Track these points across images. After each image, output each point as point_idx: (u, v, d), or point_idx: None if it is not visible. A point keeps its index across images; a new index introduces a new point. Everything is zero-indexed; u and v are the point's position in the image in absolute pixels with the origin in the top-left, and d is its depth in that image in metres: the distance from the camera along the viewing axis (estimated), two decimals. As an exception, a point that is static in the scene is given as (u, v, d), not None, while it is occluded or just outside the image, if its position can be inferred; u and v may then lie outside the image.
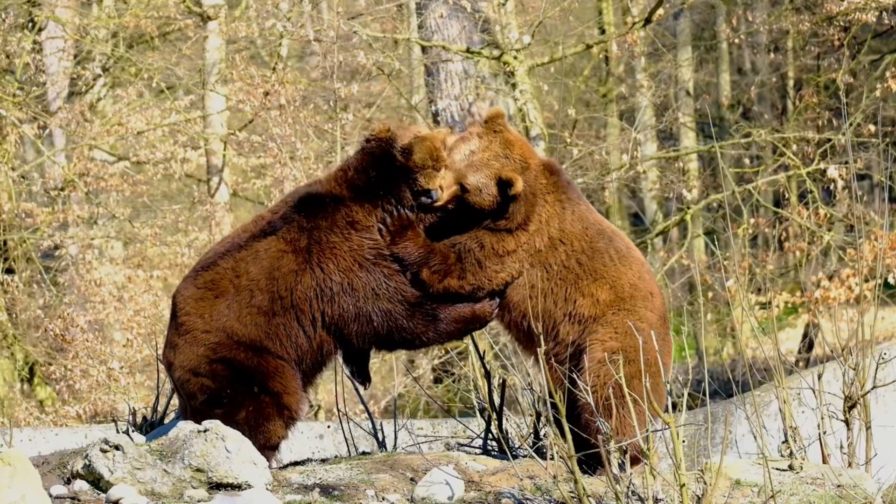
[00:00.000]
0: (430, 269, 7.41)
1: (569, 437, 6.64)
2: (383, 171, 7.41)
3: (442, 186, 7.37)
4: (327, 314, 7.32)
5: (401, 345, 7.54)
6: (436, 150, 7.44)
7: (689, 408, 8.41)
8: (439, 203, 7.39)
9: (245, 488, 6.82)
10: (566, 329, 7.44)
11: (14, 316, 21.48)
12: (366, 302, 7.32)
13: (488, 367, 8.77)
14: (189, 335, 7.34)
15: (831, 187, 19.85)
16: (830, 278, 20.37)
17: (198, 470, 6.84)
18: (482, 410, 8.97)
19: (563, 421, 6.74)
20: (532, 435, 8.39)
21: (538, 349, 7.09)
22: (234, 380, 7.26)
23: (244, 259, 7.39)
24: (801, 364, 21.43)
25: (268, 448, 7.29)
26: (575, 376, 7.23)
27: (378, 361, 20.26)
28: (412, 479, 7.20)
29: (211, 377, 7.28)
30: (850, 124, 20.40)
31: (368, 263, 7.34)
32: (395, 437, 9.25)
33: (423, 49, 20.31)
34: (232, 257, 7.43)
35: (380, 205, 7.42)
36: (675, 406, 6.65)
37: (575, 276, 7.44)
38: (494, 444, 8.39)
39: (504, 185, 7.34)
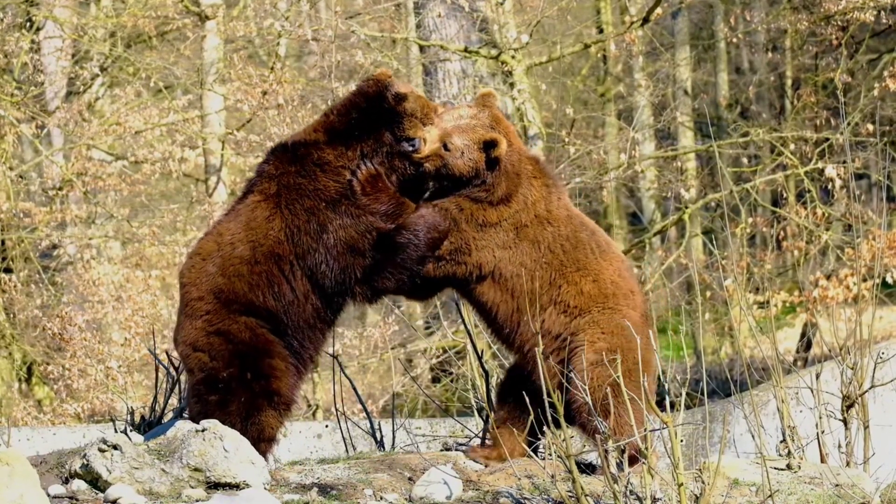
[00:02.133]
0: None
1: (567, 436, 6.64)
2: (369, 111, 7.43)
3: (425, 140, 7.41)
4: (298, 255, 7.34)
5: (360, 283, 7.40)
6: (428, 106, 7.52)
7: (688, 407, 8.41)
8: (419, 156, 7.40)
9: (243, 488, 6.82)
10: (552, 318, 7.45)
11: (12, 315, 21.48)
12: (331, 239, 7.32)
13: (486, 366, 8.77)
14: (187, 307, 7.41)
15: (829, 186, 19.86)
16: (829, 277, 20.38)
17: (196, 469, 6.84)
18: (480, 410, 8.97)
19: (562, 420, 6.75)
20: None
21: (536, 349, 7.11)
22: (229, 360, 7.26)
23: (226, 220, 7.52)
24: (799, 363, 21.43)
25: (263, 441, 7.27)
26: (570, 376, 7.24)
27: (376, 361, 20.27)
28: (410, 479, 7.20)
29: (208, 352, 7.31)
30: (849, 123, 20.40)
31: (335, 202, 7.34)
32: (394, 437, 9.26)
33: (421, 48, 20.32)
34: (218, 223, 7.58)
35: (355, 147, 7.43)
36: (673, 405, 6.65)
37: (559, 263, 7.48)
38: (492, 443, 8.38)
39: (488, 146, 7.40)
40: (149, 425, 8.61)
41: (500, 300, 7.51)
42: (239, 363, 7.27)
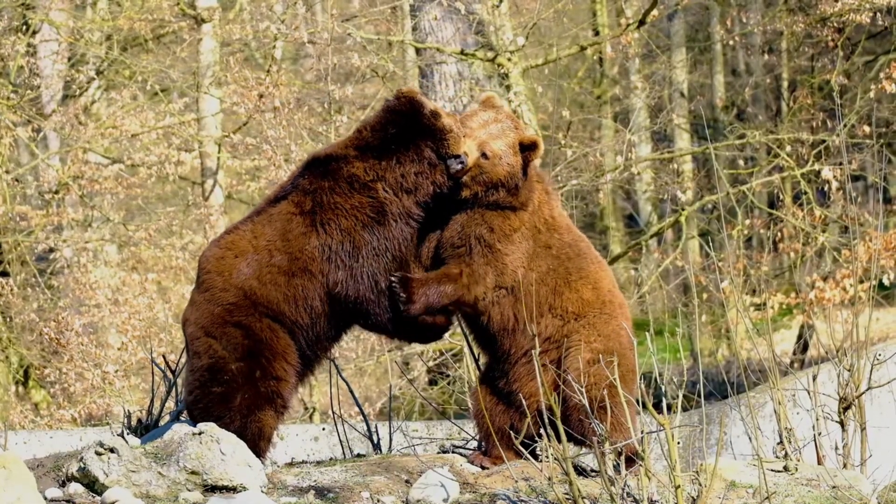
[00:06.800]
0: (457, 292, 7.38)
1: (564, 438, 6.64)
2: (406, 127, 7.37)
3: (467, 153, 7.37)
4: (325, 273, 7.34)
5: (377, 316, 7.44)
6: (456, 118, 7.49)
7: (685, 409, 8.42)
8: (465, 168, 7.35)
9: (240, 490, 6.82)
10: (547, 321, 7.44)
11: (9, 319, 21.46)
12: (363, 266, 7.33)
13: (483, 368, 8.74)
14: (208, 293, 7.38)
15: (826, 188, 19.86)
16: (825, 279, 20.37)
17: (192, 472, 6.83)
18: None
19: (559, 423, 6.75)
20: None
21: (533, 351, 7.11)
22: (241, 354, 7.26)
23: (260, 222, 7.47)
24: (796, 365, 21.43)
25: (262, 440, 7.27)
26: (567, 378, 7.24)
27: (373, 364, 20.26)
28: (407, 481, 7.20)
29: (220, 340, 7.29)
30: (845, 125, 20.40)
31: (371, 222, 7.35)
32: (390, 439, 9.25)
33: (418, 51, 20.30)
34: (251, 220, 7.53)
35: (390, 157, 7.36)
36: (670, 407, 6.65)
37: (565, 270, 7.47)
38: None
39: (525, 148, 7.37)
40: (145, 428, 8.59)
41: (500, 309, 7.49)
42: (251, 360, 7.27)
